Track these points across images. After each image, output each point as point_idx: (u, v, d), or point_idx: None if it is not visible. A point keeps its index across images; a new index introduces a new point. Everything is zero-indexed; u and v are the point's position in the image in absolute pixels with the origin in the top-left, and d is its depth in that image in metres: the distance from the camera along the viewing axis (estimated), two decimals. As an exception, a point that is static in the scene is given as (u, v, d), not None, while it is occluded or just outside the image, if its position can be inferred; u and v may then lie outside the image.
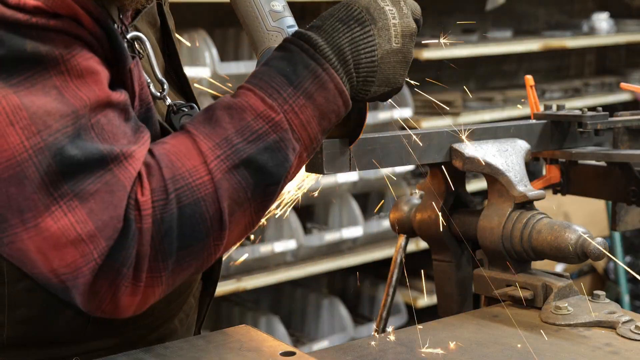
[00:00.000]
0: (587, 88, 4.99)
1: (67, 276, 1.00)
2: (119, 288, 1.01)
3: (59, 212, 0.98)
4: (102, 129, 1.02)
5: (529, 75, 1.74)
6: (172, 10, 1.47)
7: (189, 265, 1.06)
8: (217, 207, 1.05)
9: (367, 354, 1.24)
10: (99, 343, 1.24)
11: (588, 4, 5.45)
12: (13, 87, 0.98)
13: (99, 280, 1.00)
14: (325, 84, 1.11)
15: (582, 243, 1.35)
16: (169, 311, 1.33)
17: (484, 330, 1.32)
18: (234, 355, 1.11)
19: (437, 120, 4.14)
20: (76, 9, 1.03)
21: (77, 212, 0.98)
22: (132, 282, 1.01)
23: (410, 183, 4.08)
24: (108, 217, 0.99)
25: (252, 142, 1.07)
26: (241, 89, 1.11)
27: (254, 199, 1.08)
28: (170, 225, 1.02)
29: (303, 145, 1.11)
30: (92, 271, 0.99)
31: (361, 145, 1.35)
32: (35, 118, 0.98)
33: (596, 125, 1.62)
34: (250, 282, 3.52)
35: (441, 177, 1.52)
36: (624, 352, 1.24)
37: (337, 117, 1.14)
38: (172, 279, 1.06)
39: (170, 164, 1.04)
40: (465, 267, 1.54)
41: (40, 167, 0.97)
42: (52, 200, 0.98)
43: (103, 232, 0.99)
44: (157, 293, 1.05)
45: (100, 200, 0.99)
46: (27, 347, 1.20)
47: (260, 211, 1.11)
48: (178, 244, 1.03)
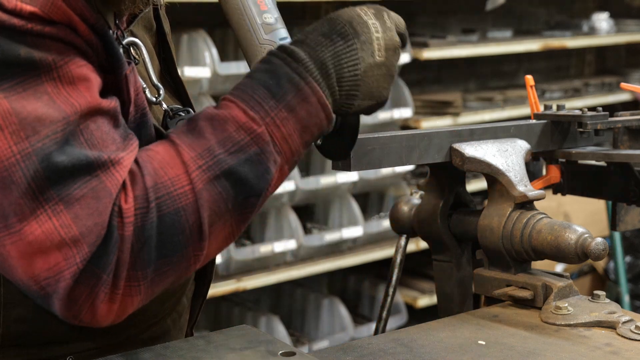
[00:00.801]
0: (587, 88, 4.99)
1: (48, 281, 1.00)
2: (98, 295, 1.01)
3: (43, 216, 0.98)
4: (91, 134, 1.02)
5: (529, 75, 1.75)
6: (172, 10, 1.47)
7: (167, 276, 1.07)
8: (197, 217, 1.05)
9: (367, 354, 1.24)
10: (91, 343, 1.24)
11: (588, 4, 5.45)
12: (4, 91, 0.98)
13: (79, 286, 1.00)
14: (307, 98, 1.11)
15: (582, 243, 1.35)
16: (162, 310, 1.34)
17: (484, 330, 1.32)
18: (234, 355, 1.11)
19: (437, 120, 4.14)
20: (72, 16, 1.04)
21: (62, 217, 0.99)
22: (111, 289, 1.01)
23: (410, 183, 4.08)
24: (92, 224, 0.99)
25: (234, 154, 1.07)
26: (224, 101, 1.11)
27: (234, 211, 1.08)
28: (150, 234, 1.02)
29: (284, 158, 1.11)
30: (73, 276, 0.99)
31: (361, 145, 1.35)
32: (24, 123, 0.98)
33: (596, 125, 1.62)
34: (250, 282, 3.52)
35: (441, 177, 1.53)
36: (624, 352, 1.24)
37: (319, 130, 1.14)
38: (150, 289, 1.05)
39: (154, 172, 1.04)
40: (465, 267, 1.55)
41: (27, 173, 0.98)
42: (38, 204, 0.98)
43: (87, 238, 0.99)
44: (135, 302, 1.05)
45: (85, 206, 0.99)
46: (22, 347, 1.20)
47: (241, 223, 1.10)
48: (157, 253, 1.03)
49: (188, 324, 1.47)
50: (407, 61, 4.00)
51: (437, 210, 1.52)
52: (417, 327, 1.35)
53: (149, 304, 1.23)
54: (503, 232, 1.41)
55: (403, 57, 3.96)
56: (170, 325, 1.38)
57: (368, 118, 3.87)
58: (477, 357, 1.23)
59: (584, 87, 4.99)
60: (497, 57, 4.80)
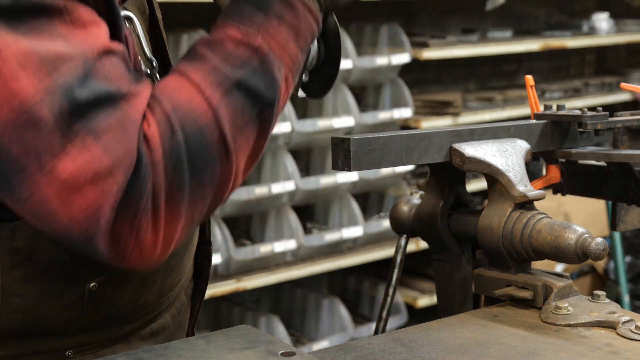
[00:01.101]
0: (587, 88, 4.99)
1: (89, 221, 1.00)
2: (141, 225, 1.01)
3: (74, 151, 0.98)
4: (109, 71, 1.03)
5: (529, 75, 1.74)
6: (173, 11, 1.47)
7: (205, 196, 1.07)
8: (220, 132, 1.06)
9: (367, 354, 1.24)
10: (91, 337, 1.25)
11: (588, 4, 5.45)
12: (22, 34, 0.99)
13: (120, 220, 1.00)
14: (292, 4, 1.14)
15: (582, 243, 1.35)
16: (160, 304, 1.35)
17: (484, 330, 1.32)
18: (234, 355, 1.11)
19: (437, 120, 4.14)
20: None
21: (93, 149, 0.99)
22: (152, 217, 1.02)
23: (410, 183, 4.08)
24: (123, 151, 1.00)
25: (239, 68, 1.09)
26: (215, 27, 1.14)
27: (253, 124, 1.10)
28: (179, 156, 1.03)
29: (287, 66, 1.13)
30: (112, 208, 0.99)
31: (361, 145, 1.35)
32: (45, 61, 0.99)
33: (596, 125, 1.62)
34: (250, 282, 3.53)
35: (441, 177, 1.53)
36: (624, 352, 1.24)
37: (311, 35, 1.17)
38: (190, 212, 1.06)
39: (170, 99, 1.06)
40: (465, 267, 1.55)
41: (53, 109, 0.98)
42: (67, 140, 0.98)
43: (120, 166, 0.99)
44: (178, 229, 1.06)
45: (113, 136, 1.00)
46: (21, 338, 1.21)
47: (261, 137, 1.12)
48: (190, 173, 1.04)
49: (189, 323, 1.48)
50: (407, 61, 4.00)
51: (437, 210, 1.52)
52: (417, 327, 1.35)
53: (146, 297, 1.24)
54: (503, 232, 1.41)
55: (403, 57, 3.96)
56: (170, 320, 1.38)
57: (368, 118, 3.87)
58: (477, 357, 1.23)
59: (584, 87, 4.99)
60: (497, 57, 4.80)
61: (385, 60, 3.91)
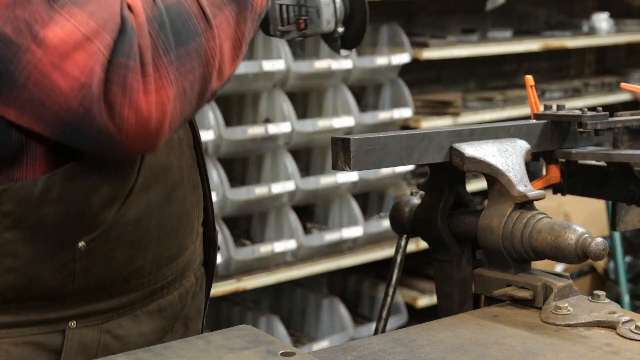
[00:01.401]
0: (587, 88, 4.99)
1: (84, 88, 1.04)
2: (132, 85, 1.06)
3: (62, 19, 1.04)
4: None
5: (529, 75, 1.74)
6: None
7: (192, 68, 1.12)
8: (197, 5, 1.13)
9: (367, 354, 1.24)
10: (93, 306, 1.26)
11: (588, 4, 5.45)
12: None
13: (112, 83, 1.05)
14: None
15: (582, 243, 1.35)
16: (161, 275, 1.34)
17: (484, 330, 1.32)
18: (234, 356, 1.11)
19: (437, 120, 4.14)
20: None
21: (79, 16, 1.05)
22: (142, 76, 1.07)
23: (410, 183, 4.08)
24: (108, 14, 1.06)
25: None
26: None
27: (231, 4, 1.17)
28: (162, 21, 1.09)
29: None
30: (103, 68, 1.05)
31: (361, 145, 1.35)
32: None
33: (596, 125, 1.62)
34: (250, 282, 3.53)
35: (441, 177, 1.53)
36: (624, 352, 1.24)
37: None
38: (180, 81, 1.10)
39: None
40: (465, 267, 1.54)
41: None
42: (54, 11, 1.05)
43: (105, 28, 1.05)
44: (170, 96, 1.10)
45: (97, 4, 1.06)
46: (21, 305, 1.22)
47: (242, 22, 1.19)
48: (175, 39, 1.10)
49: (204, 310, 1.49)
50: (407, 61, 4.00)
51: (437, 210, 1.52)
52: (417, 327, 1.35)
53: (140, 262, 1.26)
54: (503, 232, 1.41)
55: (403, 57, 3.97)
56: (177, 299, 1.38)
57: (368, 118, 3.87)
58: (477, 357, 1.22)
59: (584, 87, 4.99)
60: (497, 57, 4.80)
61: (385, 60, 3.92)
